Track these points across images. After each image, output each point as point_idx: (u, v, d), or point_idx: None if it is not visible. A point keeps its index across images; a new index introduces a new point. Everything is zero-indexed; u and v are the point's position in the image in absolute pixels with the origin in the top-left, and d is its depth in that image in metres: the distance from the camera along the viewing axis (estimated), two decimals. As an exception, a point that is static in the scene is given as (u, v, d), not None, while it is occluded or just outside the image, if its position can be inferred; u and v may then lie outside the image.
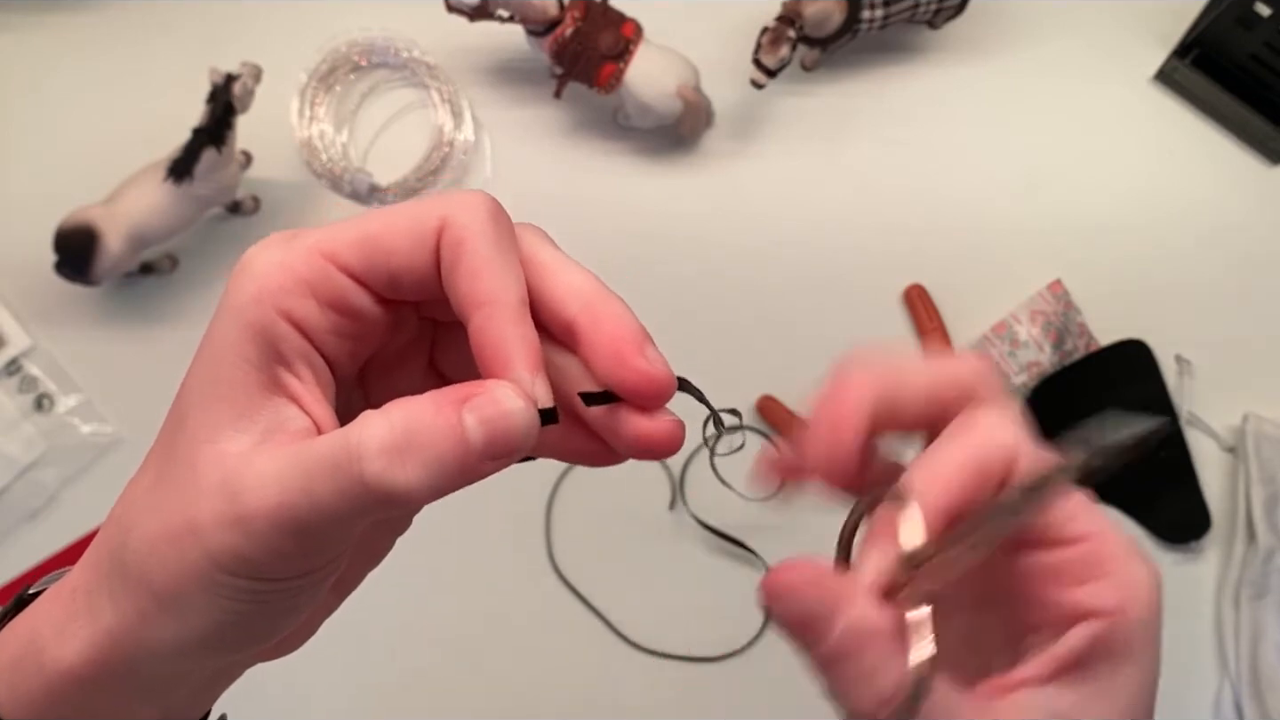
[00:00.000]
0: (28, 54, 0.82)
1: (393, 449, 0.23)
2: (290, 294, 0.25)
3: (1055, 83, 0.81)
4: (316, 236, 0.25)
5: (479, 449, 0.24)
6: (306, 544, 0.25)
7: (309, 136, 0.80)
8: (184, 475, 0.25)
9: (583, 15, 0.72)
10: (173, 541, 0.25)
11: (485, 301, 0.25)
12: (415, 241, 0.25)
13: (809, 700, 0.76)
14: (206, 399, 0.25)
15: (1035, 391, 0.70)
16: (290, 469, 0.24)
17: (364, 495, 0.23)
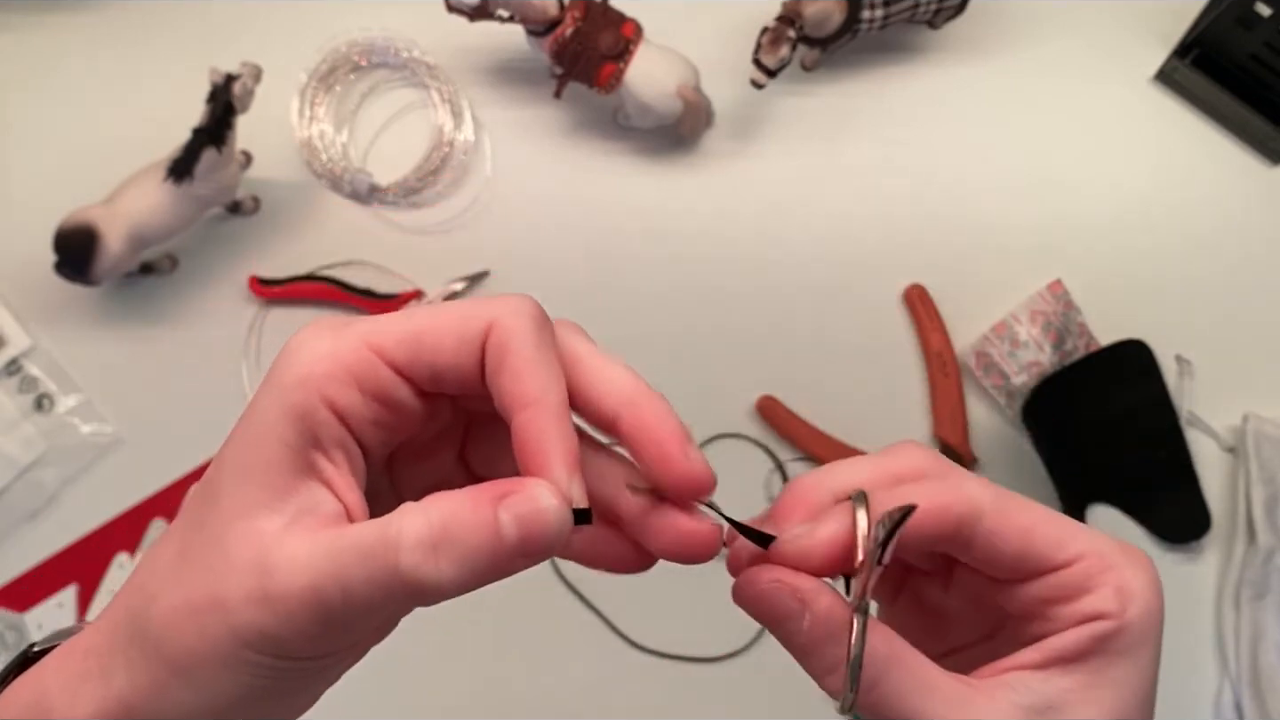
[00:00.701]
0: (28, 54, 0.82)
1: (429, 543, 0.24)
2: (336, 382, 0.26)
3: (1055, 83, 0.81)
4: (366, 328, 0.26)
5: (513, 546, 0.25)
6: (333, 628, 0.25)
7: (309, 136, 0.80)
8: (213, 550, 0.25)
9: (583, 15, 0.72)
10: (196, 614, 0.25)
11: (529, 402, 0.26)
12: (461, 342, 0.27)
13: (809, 701, 0.76)
14: (241, 477, 0.26)
15: (1035, 392, 0.70)
16: (323, 553, 0.24)
17: (396, 586, 0.24)
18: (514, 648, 0.72)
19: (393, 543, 0.24)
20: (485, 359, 0.27)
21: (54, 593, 0.72)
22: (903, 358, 0.76)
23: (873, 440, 0.74)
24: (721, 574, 0.74)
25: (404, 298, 0.76)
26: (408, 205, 0.79)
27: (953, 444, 0.73)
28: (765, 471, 0.74)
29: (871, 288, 0.77)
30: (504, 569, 0.26)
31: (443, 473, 0.31)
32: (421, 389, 0.27)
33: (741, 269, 0.78)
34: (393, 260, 0.78)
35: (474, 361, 0.27)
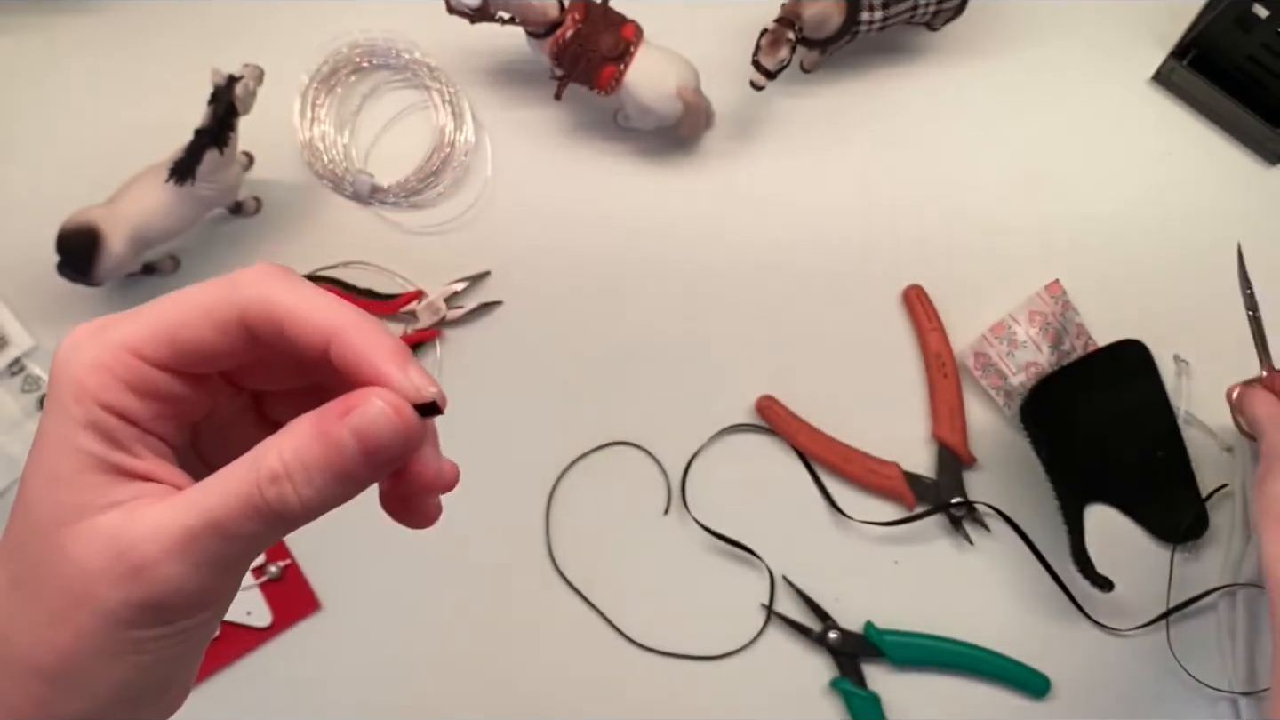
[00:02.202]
0: (29, 55, 0.82)
1: (284, 475, 0.26)
2: (109, 390, 0.27)
3: (1053, 84, 0.81)
4: (121, 334, 0.27)
5: (359, 460, 0.27)
6: (216, 573, 0.27)
7: (310, 138, 0.80)
8: (50, 563, 0.26)
9: (583, 17, 0.72)
10: (59, 622, 0.26)
11: (332, 332, 0.27)
12: (219, 328, 0.27)
13: (809, 700, 0.77)
14: (57, 494, 0.27)
15: (1034, 392, 0.71)
16: (189, 510, 0.26)
17: (267, 516, 0.26)
18: (514, 647, 0.72)
19: (255, 480, 0.26)
20: (260, 335, 0.27)
21: (56, 592, 0.72)
22: (901, 358, 0.76)
23: (872, 440, 0.74)
24: (721, 573, 0.75)
25: (405, 298, 0.76)
26: (409, 206, 0.79)
27: (951, 444, 0.73)
28: (768, 462, 0.75)
29: (870, 288, 0.77)
30: (360, 480, 0.28)
31: (246, 435, 0.31)
32: (193, 375, 0.28)
33: (741, 270, 0.78)
34: (394, 261, 0.78)
35: (236, 340, 0.28)
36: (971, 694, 0.71)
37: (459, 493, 0.72)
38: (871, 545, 0.73)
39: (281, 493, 0.26)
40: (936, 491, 0.73)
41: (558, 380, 0.76)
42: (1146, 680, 0.71)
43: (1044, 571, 0.70)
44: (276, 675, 0.72)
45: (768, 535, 0.73)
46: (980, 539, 0.73)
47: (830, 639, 0.71)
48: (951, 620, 0.71)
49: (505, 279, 0.78)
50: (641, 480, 0.74)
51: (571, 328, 0.77)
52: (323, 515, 0.28)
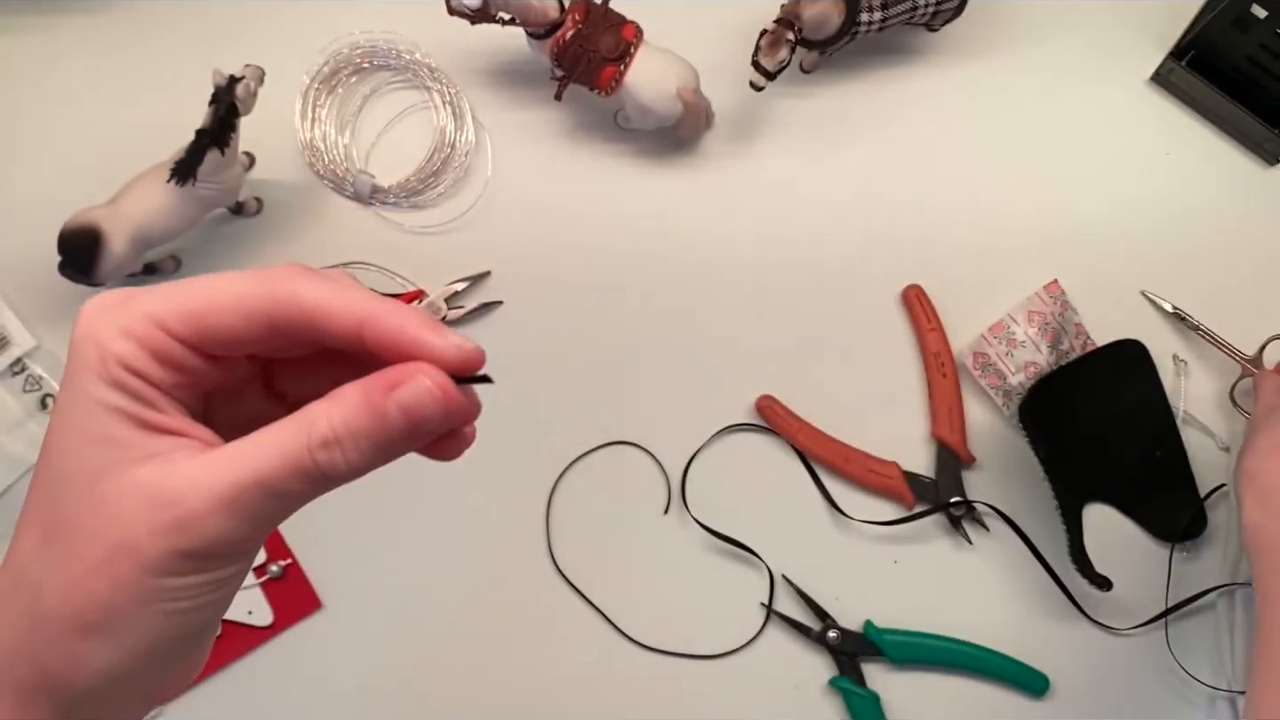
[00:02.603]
0: (31, 55, 0.83)
1: (333, 440, 0.28)
2: (134, 355, 0.28)
3: (1052, 84, 0.81)
4: (147, 306, 0.28)
5: (404, 431, 0.28)
6: (258, 527, 0.28)
7: (311, 138, 0.80)
8: (87, 515, 0.27)
9: (583, 18, 0.72)
10: (98, 571, 0.27)
11: (362, 318, 0.29)
12: (246, 318, 0.29)
13: (808, 699, 0.77)
14: (89, 448, 0.27)
15: (1032, 391, 0.71)
16: (238, 466, 0.27)
17: (314, 476, 0.28)
18: (514, 646, 0.72)
19: (306, 444, 0.28)
20: (295, 332, 0.29)
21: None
22: (901, 358, 0.76)
23: (872, 440, 0.74)
24: (721, 573, 0.75)
25: (405, 298, 0.76)
26: (409, 206, 0.80)
27: (950, 443, 0.73)
28: (768, 462, 0.75)
29: (870, 288, 0.78)
30: (402, 449, 0.29)
31: (255, 408, 0.33)
32: (212, 353, 0.29)
33: (740, 270, 0.78)
34: (394, 261, 0.78)
35: (262, 332, 0.29)
36: (971, 693, 0.71)
37: (460, 492, 0.72)
38: (871, 545, 0.73)
39: (331, 457, 0.28)
40: (936, 491, 0.73)
41: (558, 380, 0.76)
42: (1145, 679, 0.71)
43: (1043, 571, 0.70)
44: (277, 675, 0.72)
45: (767, 535, 0.73)
46: (979, 538, 0.73)
47: (830, 638, 0.71)
48: (951, 619, 0.71)
49: (505, 279, 0.78)
50: (641, 480, 0.75)
51: (571, 327, 0.77)
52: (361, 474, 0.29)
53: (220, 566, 0.28)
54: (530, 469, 0.75)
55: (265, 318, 0.29)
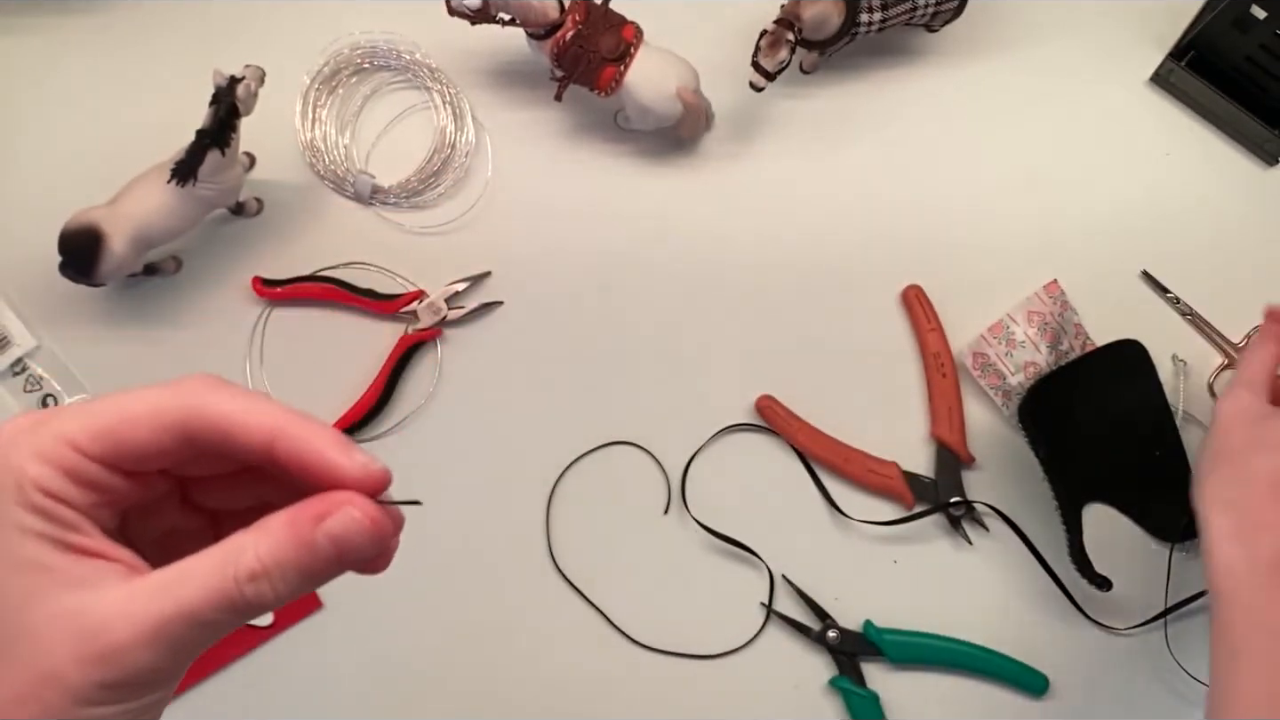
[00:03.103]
0: (31, 56, 0.83)
1: (261, 574, 0.28)
2: (50, 479, 0.28)
3: (1052, 85, 0.82)
4: (60, 428, 0.28)
5: (332, 561, 0.29)
6: (183, 656, 0.28)
7: (312, 138, 0.80)
8: (15, 644, 0.27)
9: (583, 18, 0.72)
10: (26, 699, 0.27)
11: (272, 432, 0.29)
12: (157, 431, 0.29)
13: (808, 699, 0.77)
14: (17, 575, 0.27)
15: (1032, 392, 0.71)
16: (162, 598, 0.28)
17: (240, 609, 0.28)
18: (514, 646, 0.73)
19: (231, 576, 0.28)
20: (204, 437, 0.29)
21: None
22: (900, 358, 0.77)
23: (872, 440, 0.74)
24: (721, 573, 0.75)
25: (406, 298, 0.76)
26: (409, 207, 0.80)
27: (950, 443, 0.73)
28: (768, 462, 0.75)
29: (869, 288, 0.78)
30: (330, 577, 0.30)
31: (173, 520, 0.33)
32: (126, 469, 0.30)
33: (740, 270, 0.78)
34: (395, 261, 0.78)
35: (177, 444, 0.29)
36: (970, 693, 0.71)
37: (460, 492, 0.72)
38: (870, 545, 0.74)
39: (259, 590, 0.28)
40: (935, 491, 0.73)
41: (558, 380, 0.76)
42: (1145, 679, 0.71)
43: (1042, 571, 0.70)
44: (277, 675, 0.72)
45: (767, 535, 0.73)
46: (979, 538, 0.73)
47: (829, 638, 0.71)
48: (950, 619, 0.71)
49: (506, 279, 0.78)
50: (641, 480, 0.75)
51: (571, 328, 0.77)
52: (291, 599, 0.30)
53: (144, 695, 0.28)
54: (530, 469, 0.75)
55: (178, 430, 0.29)
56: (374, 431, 0.75)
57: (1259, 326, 0.61)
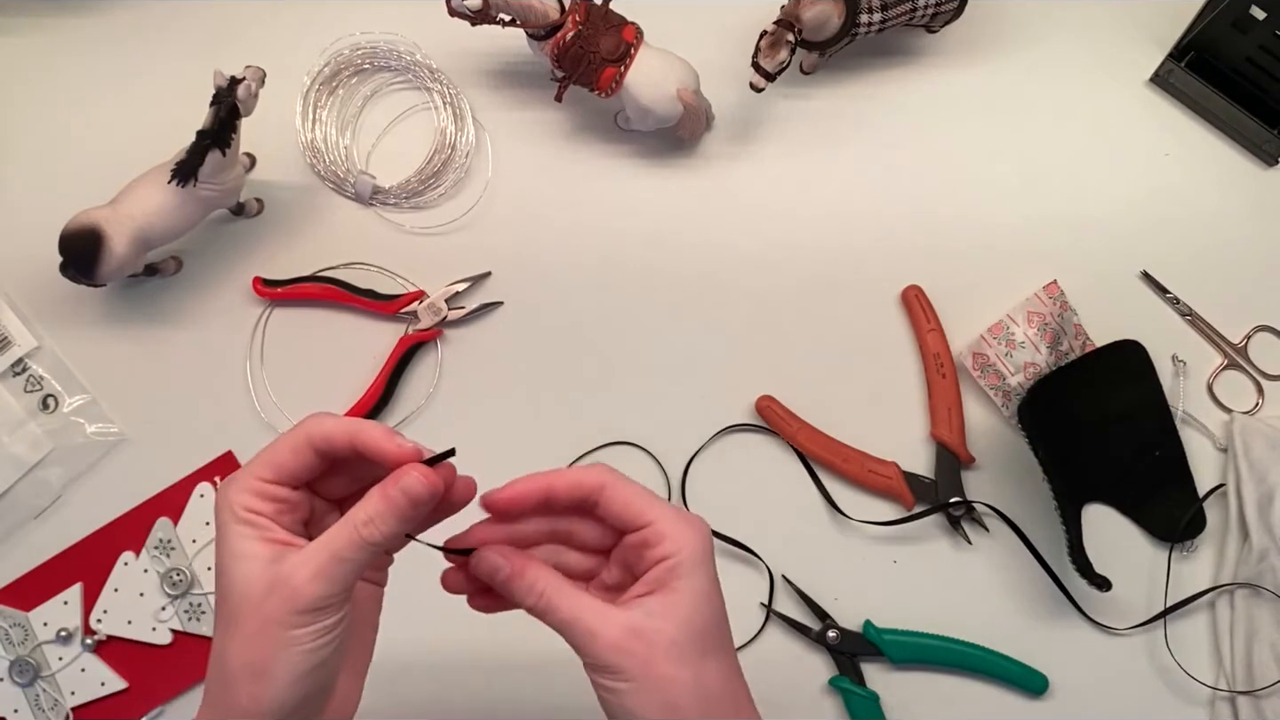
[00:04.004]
0: (32, 56, 0.83)
1: (366, 521, 0.44)
2: (249, 501, 0.44)
3: (1051, 86, 0.82)
4: (249, 471, 0.45)
5: (407, 507, 0.44)
6: (338, 585, 0.43)
7: (312, 139, 0.80)
8: (243, 604, 0.43)
9: (584, 19, 0.72)
10: (254, 636, 0.43)
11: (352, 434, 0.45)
12: (296, 453, 0.45)
13: (808, 699, 0.77)
14: (241, 562, 0.43)
15: (1032, 392, 0.71)
16: (320, 550, 0.43)
17: (363, 546, 0.43)
18: (514, 646, 0.72)
19: (353, 528, 0.44)
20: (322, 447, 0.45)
21: (59, 591, 0.73)
22: (900, 358, 0.77)
23: (871, 440, 0.74)
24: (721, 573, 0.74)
25: (406, 298, 0.76)
26: (410, 207, 0.80)
27: (950, 444, 0.74)
28: (768, 462, 0.75)
29: (869, 289, 0.78)
30: (413, 517, 0.44)
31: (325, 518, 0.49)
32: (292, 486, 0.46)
33: (740, 270, 0.78)
34: (395, 261, 0.78)
35: (307, 458, 0.45)
36: (970, 693, 0.71)
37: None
38: (870, 545, 0.74)
39: (370, 531, 0.43)
40: (935, 491, 0.73)
41: (558, 380, 0.76)
42: (1144, 679, 0.71)
43: (1042, 571, 0.71)
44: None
45: (767, 535, 0.73)
46: (978, 538, 0.74)
47: (829, 638, 0.71)
48: (950, 619, 0.71)
49: (506, 279, 0.78)
50: (641, 480, 0.74)
51: (571, 328, 0.77)
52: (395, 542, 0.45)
53: (326, 616, 0.43)
54: (530, 469, 0.74)
55: (306, 448, 0.45)
56: (374, 432, 0.75)
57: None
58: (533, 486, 0.48)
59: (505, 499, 0.47)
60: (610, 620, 0.45)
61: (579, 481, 0.47)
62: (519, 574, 0.46)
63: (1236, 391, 0.76)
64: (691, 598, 0.45)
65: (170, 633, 0.72)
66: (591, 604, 0.45)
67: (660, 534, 0.45)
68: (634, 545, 0.46)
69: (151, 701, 0.72)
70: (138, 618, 0.72)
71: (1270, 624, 0.70)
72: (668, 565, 0.45)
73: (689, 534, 0.46)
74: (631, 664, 0.44)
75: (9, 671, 0.71)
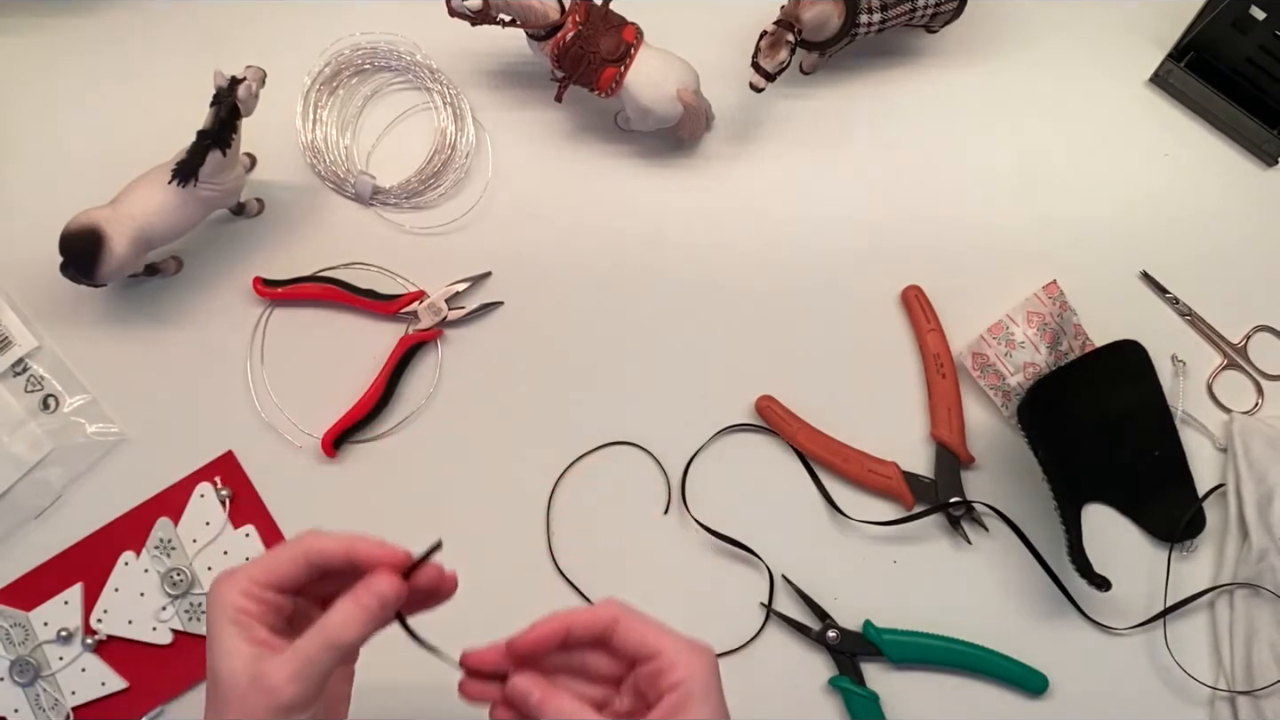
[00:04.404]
0: (33, 57, 0.83)
1: (340, 625, 0.48)
2: (241, 604, 0.49)
3: (1051, 86, 0.82)
4: (248, 574, 0.49)
5: (375, 609, 0.49)
6: (312, 685, 0.48)
7: (313, 139, 0.80)
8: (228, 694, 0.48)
9: (584, 19, 0.72)
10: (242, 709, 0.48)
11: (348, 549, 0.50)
12: (294, 566, 0.50)
13: (807, 698, 0.77)
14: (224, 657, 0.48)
15: (1031, 392, 0.71)
16: (295, 655, 0.48)
17: (334, 646, 0.48)
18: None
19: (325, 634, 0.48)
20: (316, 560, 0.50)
21: (60, 591, 0.73)
22: (900, 358, 0.77)
23: (871, 440, 0.75)
24: (721, 573, 0.75)
25: (406, 298, 0.76)
26: (410, 207, 0.80)
27: (949, 444, 0.74)
28: (768, 462, 0.75)
29: (869, 289, 0.78)
30: (381, 618, 0.49)
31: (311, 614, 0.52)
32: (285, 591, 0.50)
33: (740, 270, 0.78)
34: (395, 261, 0.78)
35: (302, 568, 0.50)
36: (970, 692, 0.71)
37: (460, 493, 0.72)
38: (870, 545, 0.74)
39: (343, 634, 0.48)
40: (935, 491, 0.73)
41: (558, 380, 0.77)
42: (1143, 679, 0.71)
43: (1042, 571, 0.71)
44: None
45: (767, 535, 0.73)
46: (978, 538, 0.74)
47: (829, 638, 0.71)
48: (950, 619, 0.71)
49: (506, 279, 0.78)
50: (641, 480, 0.75)
51: (571, 328, 0.77)
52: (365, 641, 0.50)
53: (302, 712, 0.48)
54: (530, 469, 0.75)
55: (303, 560, 0.50)
56: (374, 431, 0.75)
57: None
58: (552, 629, 0.51)
59: (529, 644, 0.51)
60: None
61: (593, 620, 0.51)
62: (548, 699, 0.50)
63: (1236, 391, 0.76)
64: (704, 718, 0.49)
65: (170, 632, 0.72)
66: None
67: (671, 664, 0.49)
68: (646, 675, 0.50)
69: (152, 701, 0.72)
70: (138, 618, 0.72)
71: (1270, 624, 0.70)
72: (679, 695, 0.48)
73: (698, 663, 0.50)
74: None
75: (9, 671, 0.72)
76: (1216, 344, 0.76)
